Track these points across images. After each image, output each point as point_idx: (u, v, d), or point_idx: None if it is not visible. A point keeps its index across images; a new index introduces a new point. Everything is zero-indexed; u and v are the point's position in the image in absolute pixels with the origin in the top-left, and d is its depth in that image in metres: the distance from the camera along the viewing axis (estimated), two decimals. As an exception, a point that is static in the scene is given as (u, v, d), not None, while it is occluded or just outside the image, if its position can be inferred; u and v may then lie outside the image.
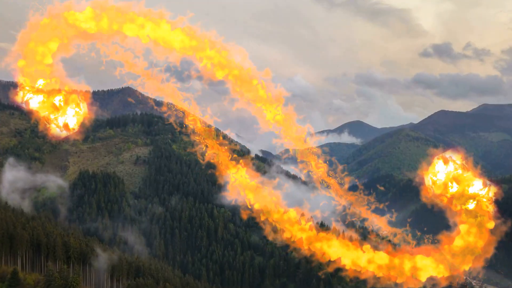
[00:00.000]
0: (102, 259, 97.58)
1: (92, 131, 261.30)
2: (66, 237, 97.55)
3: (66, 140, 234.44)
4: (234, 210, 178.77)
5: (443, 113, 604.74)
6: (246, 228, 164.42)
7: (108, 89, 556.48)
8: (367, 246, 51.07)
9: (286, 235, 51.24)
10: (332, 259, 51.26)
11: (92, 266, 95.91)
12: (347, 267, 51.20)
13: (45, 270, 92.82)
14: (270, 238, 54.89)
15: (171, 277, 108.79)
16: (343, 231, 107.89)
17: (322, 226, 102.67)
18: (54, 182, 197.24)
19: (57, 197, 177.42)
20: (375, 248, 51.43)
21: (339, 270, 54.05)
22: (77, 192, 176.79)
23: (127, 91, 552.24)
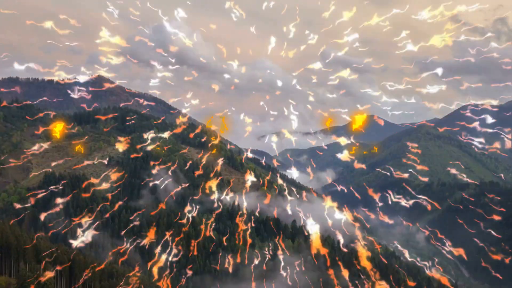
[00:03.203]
0: (75, 263, 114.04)
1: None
2: (36, 241, 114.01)
3: (28, 138, 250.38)
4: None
5: (472, 107, 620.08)
6: (231, 235, 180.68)
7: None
8: None
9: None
10: None
11: (63, 270, 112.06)
12: None
13: (15, 272, 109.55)
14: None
15: (147, 285, 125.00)
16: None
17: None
18: (16, 185, 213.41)
19: (19, 202, 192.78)
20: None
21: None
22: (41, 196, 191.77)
23: (98, 81, 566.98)
